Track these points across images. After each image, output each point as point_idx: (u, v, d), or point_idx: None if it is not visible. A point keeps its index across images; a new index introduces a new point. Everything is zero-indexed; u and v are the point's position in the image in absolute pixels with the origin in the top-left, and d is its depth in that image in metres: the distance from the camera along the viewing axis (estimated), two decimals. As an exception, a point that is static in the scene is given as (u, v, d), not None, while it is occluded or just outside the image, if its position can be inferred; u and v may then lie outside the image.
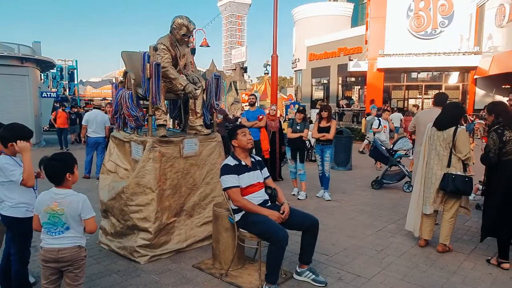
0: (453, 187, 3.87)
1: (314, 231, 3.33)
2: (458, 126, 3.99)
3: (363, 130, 13.92)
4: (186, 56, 4.34)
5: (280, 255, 3.10)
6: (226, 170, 3.32)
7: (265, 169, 3.63)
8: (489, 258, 3.89)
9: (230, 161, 3.39)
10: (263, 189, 3.47)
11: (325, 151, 6.45)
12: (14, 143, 2.75)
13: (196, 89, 4.05)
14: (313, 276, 3.33)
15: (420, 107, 17.57)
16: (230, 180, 3.27)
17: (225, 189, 3.32)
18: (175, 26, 4.06)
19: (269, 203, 3.43)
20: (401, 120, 12.71)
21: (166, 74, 3.96)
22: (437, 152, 4.04)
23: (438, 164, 4.03)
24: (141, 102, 4.13)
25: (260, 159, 3.67)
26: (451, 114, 4.09)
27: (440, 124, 4.05)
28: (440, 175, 3.99)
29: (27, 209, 2.81)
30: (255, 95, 7.98)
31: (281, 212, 3.26)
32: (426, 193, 4.13)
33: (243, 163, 3.39)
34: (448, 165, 3.96)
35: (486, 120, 3.94)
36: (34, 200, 2.84)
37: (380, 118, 9.31)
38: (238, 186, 3.27)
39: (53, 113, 14.66)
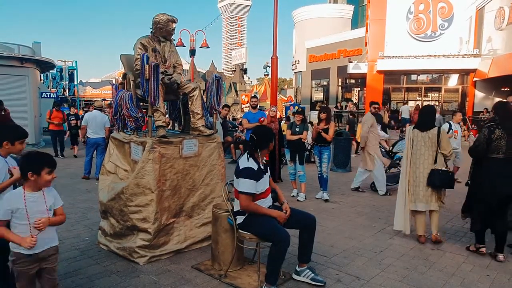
0: (440, 181, 4.25)
1: (311, 229, 3.37)
2: (440, 126, 4.46)
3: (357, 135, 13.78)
4: (170, 54, 4.41)
5: (281, 256, 3.11)
6: (249, 174, 3.20)
7: (267, 168, 3.62)
8: (468, 245, 4.23)
9: (253, 164, 3.27)
10: (270, 194, 3.47)
11: (323, 152, 6.48)
12: (8, 142, 2.72)
13: (169, 76, 4.18)
14: (312, 275, 3.34)
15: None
16: (248, 185, 3.17)
17: (240, 192, 3.22)
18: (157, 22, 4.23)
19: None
20: (409, 112, 13.31)
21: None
22: (422, 152, 4.37)
23: (425, 162, 4.35)
24: (141, 103, 4.14)
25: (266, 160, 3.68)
26: (430, 116, 4.52)
27: (423, 126, 4.42)
28: (427, 172, 4.31)
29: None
30: (257, 97, 7.99)
31: (284, 212, 3.31)
32: (416, 191, 4.39)
33: (261, 166, 3.35)
34: (435, 162, 4.32)
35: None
36: None
37: (451, 121, 7.98)
38: (253, 194, 3.22)
39: (48, 112, 11.88)
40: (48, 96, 16.88)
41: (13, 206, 2.34)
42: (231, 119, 15.78)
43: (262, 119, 7.37)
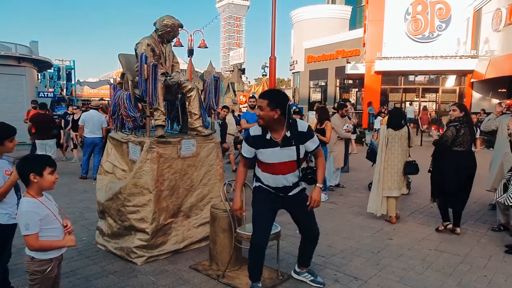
0: (416, 170, 5.16)
1: (311, 241, 3.29)
2: (407, 125, 5.36)
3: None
4: (170, 55, 4.42)
5: (254, 257, 3.05)
6: (246, 138, 3.10)
7: (311, 141, 3.06)
8: (437, 226, 4.95)
9: (254, 130, 3.05)
10: (295, 172, 3.07)
11: None
12: None
13: (170, 77, 4.20)
14: (312, 277, 3.34)
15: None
16: (244, 149, 3.10)
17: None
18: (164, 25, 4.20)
19: (301, 186, 3.15)
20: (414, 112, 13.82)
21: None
22: (396, 147, 5.19)
23: (398, 156, 5.17)
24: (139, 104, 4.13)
25: (306, 130, 3.05)
26: (400, 118, 5.38)
27: (396, 126, 5.22)
28: (402, 164, 5.15)
29: (10, 215, 2.73)
30: (255, 98, 7.99)
31: (308, 203, 3.05)
32: (392, 180, 5.17)
33: (267, 136, 2.98)
34: (409, 155, 5.25)
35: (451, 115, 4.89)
36: (15, 208, 2.71)
37: None
38: (248, 158, 3.03)
39: (26, 112, 10.94)
40: (46, 95, 16.84)
41: (41, 214, 2.21)
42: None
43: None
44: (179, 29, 4.30)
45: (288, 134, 2.96)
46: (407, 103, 20.84)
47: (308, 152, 3.09)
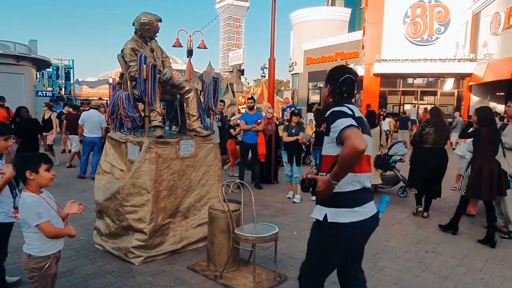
0: (385, 165, 6.48)
1: None
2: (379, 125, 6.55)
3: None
4: (158, 52, 4.40)
5: None
6: (344, 114, 2.09)
7: (332, 130, 2.12)
8: (414, 211, 5.77)
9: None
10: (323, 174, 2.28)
11: (317, 155, 6.52)
12: None
13: (163, 73, 4.20)
14: None
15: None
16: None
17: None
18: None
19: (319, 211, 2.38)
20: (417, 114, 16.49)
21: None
22: (371, 144, 5.78)
23: (373, 152, 5.96)
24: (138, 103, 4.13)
25: (328, 114, 2.18)
26: (373, 118, 6.42)
27: (371, 125, 5.74)
28: (373, 158, 6.15)
29: (6, 214, 2.73)
30: (253, 99, 7.98)
31: None
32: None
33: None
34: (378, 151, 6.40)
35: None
36: (11, 206, 2.74)
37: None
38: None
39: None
40: (44, 94, 16.80)
41: (46, 206, 2.27)
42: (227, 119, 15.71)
43: (259, 120, 7.37)
44: (159, 23, 4.24)
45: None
46: (409, 106, 20.96)
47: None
